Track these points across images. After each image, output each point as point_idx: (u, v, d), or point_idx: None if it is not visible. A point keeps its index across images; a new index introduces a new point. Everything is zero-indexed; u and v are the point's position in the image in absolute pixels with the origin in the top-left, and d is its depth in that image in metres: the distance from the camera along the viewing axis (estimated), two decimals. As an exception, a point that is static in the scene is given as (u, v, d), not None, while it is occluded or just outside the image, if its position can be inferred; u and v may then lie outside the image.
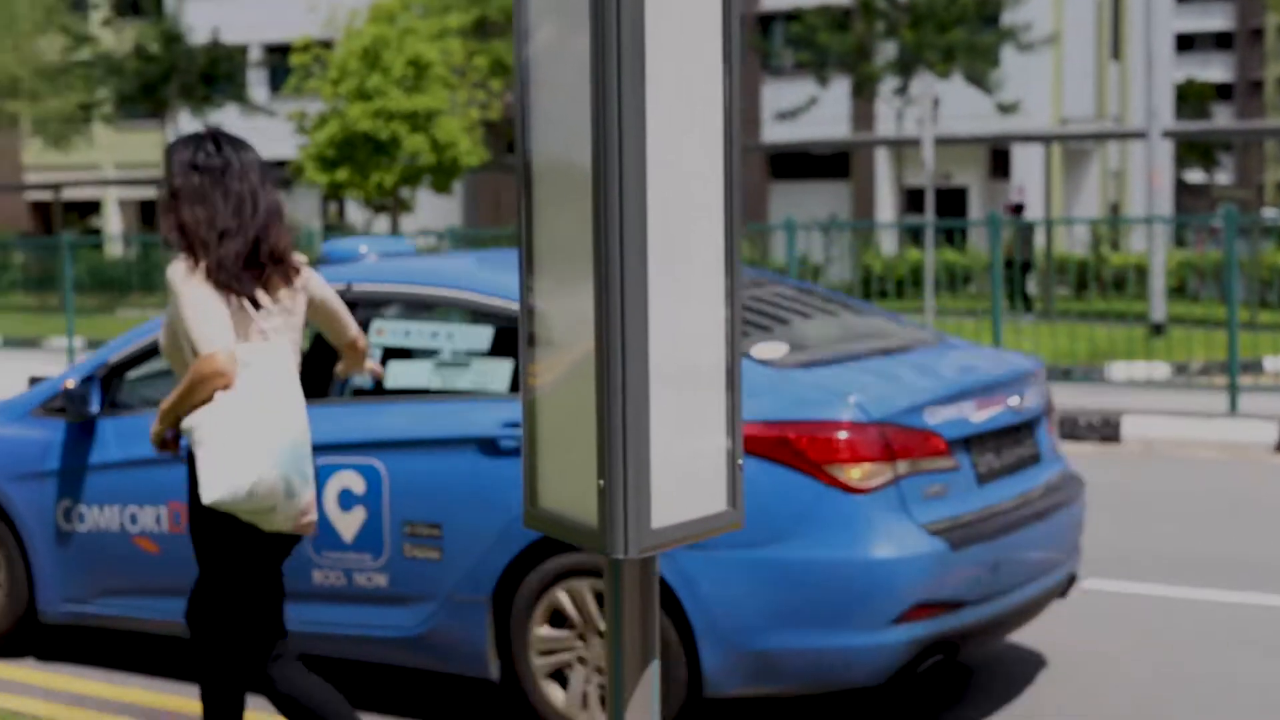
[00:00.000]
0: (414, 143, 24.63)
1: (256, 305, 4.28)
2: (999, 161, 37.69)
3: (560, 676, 5.47)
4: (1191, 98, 71.25)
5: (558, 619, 5.44)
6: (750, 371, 5.30)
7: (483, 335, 5.74)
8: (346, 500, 5.57)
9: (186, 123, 42.31)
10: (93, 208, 52.65)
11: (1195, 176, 73.23)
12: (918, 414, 5.34)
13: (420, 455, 5.48)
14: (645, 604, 2.63)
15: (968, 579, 5.33)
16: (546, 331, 2.60)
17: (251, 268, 4.30)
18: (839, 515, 5.12)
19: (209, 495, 4.11)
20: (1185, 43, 72.24)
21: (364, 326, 5.48)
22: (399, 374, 5.71)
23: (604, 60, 2.33)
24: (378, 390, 5.73)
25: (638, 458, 2.44)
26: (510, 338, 5.61)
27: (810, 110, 32.85)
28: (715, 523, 2.63)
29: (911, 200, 36.50)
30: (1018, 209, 28.63)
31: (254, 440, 4.11)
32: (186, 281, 4.22)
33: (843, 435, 5.15)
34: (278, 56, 43.89)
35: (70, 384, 6.17)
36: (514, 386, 5.57)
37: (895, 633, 5.13)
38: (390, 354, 5.81)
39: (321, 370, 5.62)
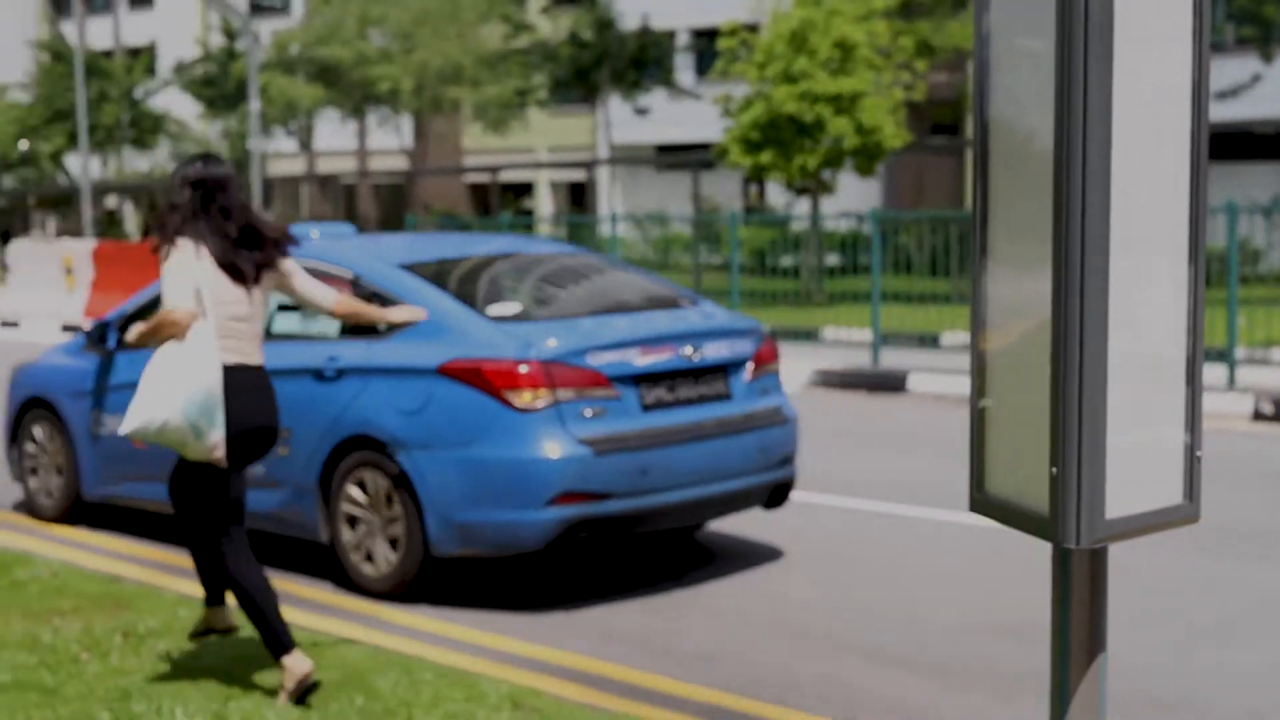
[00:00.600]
0: (838, 125, 24.62)
1: (239, 282, 5.58)
2: None
3: (363, 549, 7.43)
4: None
5: (356, 503, 7.42)
6: (475, 323, 7.33)
7: None
8: None
9: (616, 107, 43.60)
10: (526, 189, 54.82)
11: None
12: (582, 356, 7.15)
13: (282, 380, 6.93)
14: (1094, 595, 2.57)
15: (613, 478, 7.09)
16: (999, 315, 2.57)
17: (239, 258, 5.60)
18: (510, 427, 7.00)
19: (125, 427, 5.46)
20: None
21: None
22: (280, 322, 7.92)
23: (1069, 38, 2.29)
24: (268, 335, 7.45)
25: (1093, 446, 2.39)
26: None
27: (1253, 87, 31.24)
28: (1170, 515, 2.55)
29: (1364, 183, 34.25)
30: None
31: (169, 394, 5.34)
32: (169, 258, 5.52)
33: (520, 370, 7.01)
34: (704, 41, 44.63)
35: (87, 327, 8.59)
36: (341, 332, 7.67)
37: (548, 513, 6.97)
38: (281, 308, 7.91)
39: None
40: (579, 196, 52.73)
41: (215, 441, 5.42)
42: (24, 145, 57.94)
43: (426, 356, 7.22)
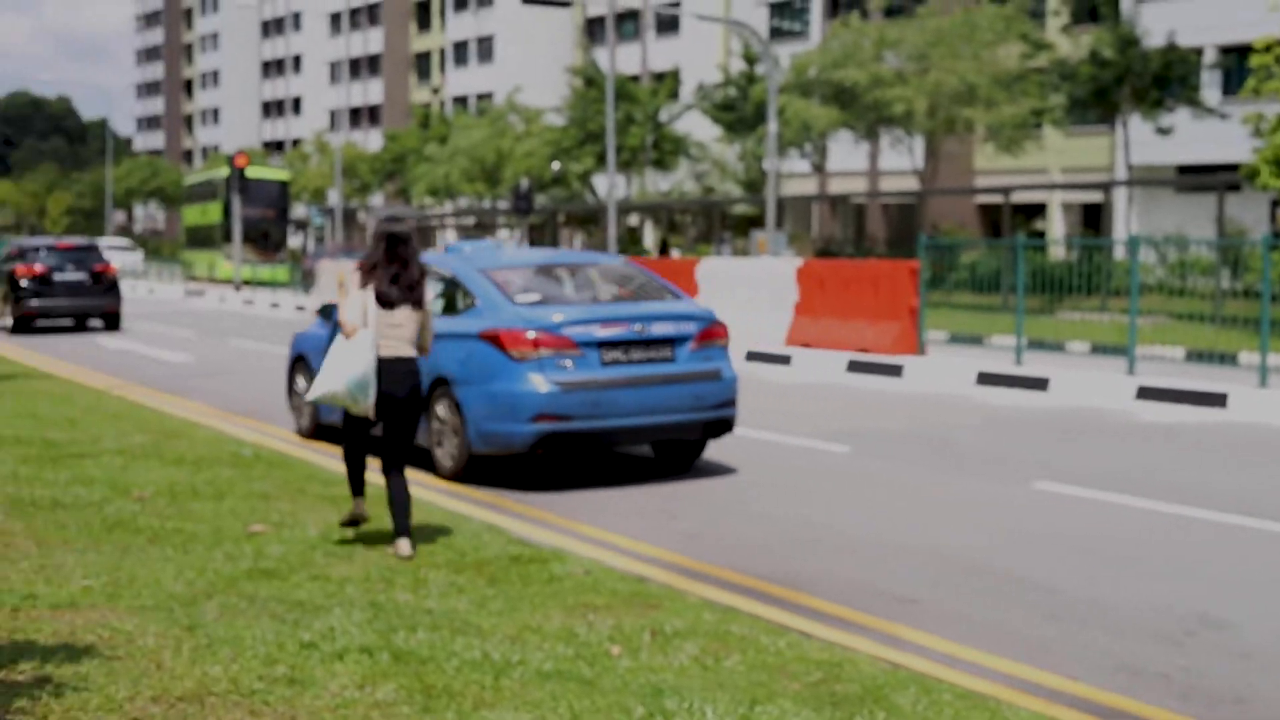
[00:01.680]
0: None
1: (388, 307, 8.53)
2: None
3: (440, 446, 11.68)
4: None
5: (439, 419, 11.63)
6: (503, 305, 11.32)
7: (437, 286, 11.86)
8: None
9: (1136, 126, 42.24)
10: (1037, 210, 53.82)
11: None
12: (559, 329, 10.99)
13: None
14: None
15: (574, 407, 10.92)
16: None
17: (390, 290, 8.55)
18: (511, 371, 10.98)
19: (310, 395, 8.51)
20: None
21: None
22: None
23: None
24: None
25: None
26: (441, 286, 11.91)
27: None
28: None
29: None
30: None
31: (336, 374, 8.34)
32: (351, 283, 8.53)
33: (522, 335, 10.95)
34: (1233, 58, 42.70)
35: (322, 306, 13.35)
36: (442, 311, 11.76)
37: (530, 427, 10.94)
38: None
39: None
40: (1092, 218, 51.39)
41: (367, 406, 8.44)
42: (556, 166, 61.31)
43: (473, 326, 11.27)
